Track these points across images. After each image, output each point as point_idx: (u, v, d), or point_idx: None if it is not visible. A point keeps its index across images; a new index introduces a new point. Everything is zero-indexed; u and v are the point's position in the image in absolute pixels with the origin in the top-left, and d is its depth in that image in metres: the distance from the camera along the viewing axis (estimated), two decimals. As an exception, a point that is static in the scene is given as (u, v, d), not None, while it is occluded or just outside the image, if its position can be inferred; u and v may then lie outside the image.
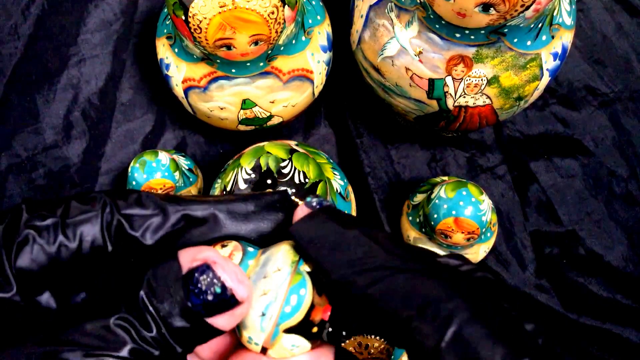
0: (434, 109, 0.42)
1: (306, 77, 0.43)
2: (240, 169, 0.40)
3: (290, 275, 0.19)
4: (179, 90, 0.43)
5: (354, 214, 0.45)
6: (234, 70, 0.40)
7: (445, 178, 0.50)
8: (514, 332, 0.16)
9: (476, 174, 0.54)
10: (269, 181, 0.39)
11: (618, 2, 0.55)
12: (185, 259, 0.19)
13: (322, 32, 0.44)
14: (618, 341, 0.51)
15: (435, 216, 0.43)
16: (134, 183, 0.44)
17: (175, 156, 0.48)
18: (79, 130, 0.52)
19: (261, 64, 0.40)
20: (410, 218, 0.49)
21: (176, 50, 0.42)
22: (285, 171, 0.40)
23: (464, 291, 0.17)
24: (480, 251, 0.48)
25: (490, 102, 0.41)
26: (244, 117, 0.44)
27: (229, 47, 0.37)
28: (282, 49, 0.40)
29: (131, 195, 0.20)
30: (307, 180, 0.40)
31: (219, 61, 0.40)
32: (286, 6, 0.36)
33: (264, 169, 0.40)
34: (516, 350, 0.16)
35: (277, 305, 0.19)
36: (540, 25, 0.37)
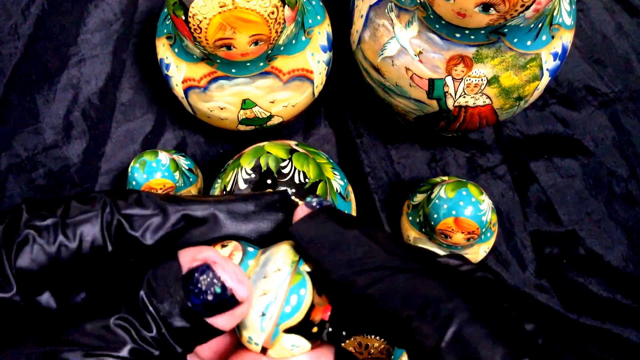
0: (434, 109, 0.42)
1: (306, 77, 0.43)
2: (240, 169, 0.40)
3: (290, 275, 0.19)
4: (179, 90, 0.43)
5: (354, 214, 0.45)
6: (234, 70, 0.40)
7: (445, 178, 0.50)
8: (514, 332, 0.16)
9: (476, 174, 0.54)
10: (269, 181, 0.39)
11: (618, 2, 0.55)
12: (185, 259, 0.19)
13: (322, 32, 0.44)
14: (618, 341, 0.51)
15: (435, 216, 0.43)
16: (134, 183, 0.44)
17: (175, 156, 0.48)
18: (79, 130, 0.52)
19: (261, 64, 0.40)
20: (410, 218, 0.49)
21: (176, 50, 0.42)
22: (285, 171, 0.40)
23: (464, 291, 0.17)
24: (480, 251, 0.48)
25: (490, 102, 0.41)
26: (244, 117, 0.44)
27: (229, 47, 0.37)
28: (282, 49, 0.40)
29: (131, 195, 0.20)
30: (307, 180, 0.40)
31: (219, 61, 0.40)
32: (286, 6, 0.36)
33: (264, 169, 0.40)
34: (516, 350, 0.16)
35: (277, 305, 0.19)
36: (540, 25, 0.37)
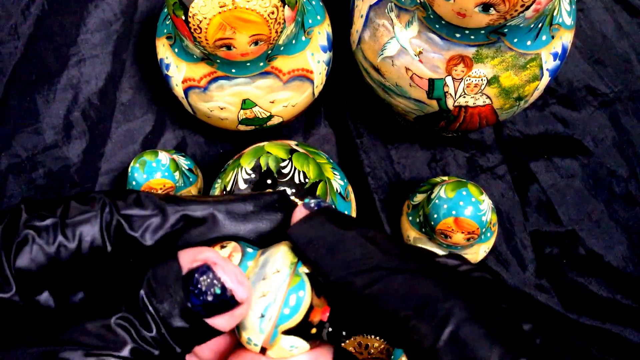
0: (434, 109, 0.42)
1: (306, 77, 0.43)
2: (240, 169, 0.40)
3: (289, 276, 0.19)
4: (179, 90, 0.43)
5: (354, 214, 0.45)
6: (234, 70, 0.40)
7: (445, 178, 0.50)
8: (511, 332, 0.16)
9: (476, 174, 0.54)
10: (269, 181, 0.39)
11: (618, 2, 0.55)
12: (186, 259, 0.19)
13: (322, 32, 0.44)
14: (618, 341, 0.51)
15: (435, 216, 0.43)
16: (134, 183, 0.44)
17: (175, 156, 0.48)
18: (79, 130, 0.52)
19: (261, 64, 0.40)
20: (410, 218, 0.49)
21: (176, 50, 0.42)
22: (285, 171, 0.40)
23: (462, 291, 0.17)
24: (480, 251, 0.48)
25: (490, 102, 0.41)
26: (244, 117, 0.44)
27: (229, 47, 0.37)
28: (282, 49, 0.40)
29: (130, 195, 0.20)
30: (307, 180, 0.40)
31: (219, 61, 0.40)
32: (286, 6, 0.36)
33: (264, 169, 0.40)
34: (513, 351, 0.16)
35: (276, 306, 0.19)
36: (540, 25, 0.37)
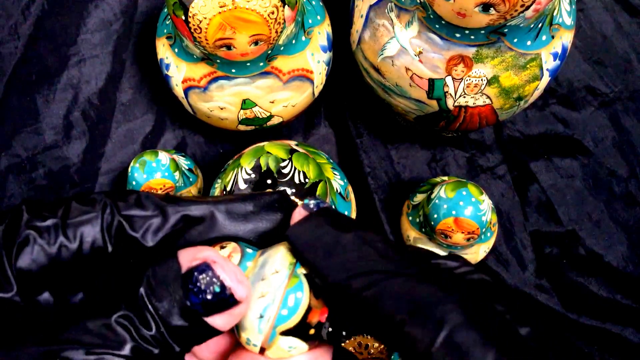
0: (434, 109, 0.42)
1: (306, 77, 0.43)
2: (240, 169, 0.40)
3: (288, 277, 0.19)
4: (179, 90, 0.43)
5: (354, 214, 0.45)
6: (234, 70, 0.40)
7: (445, 178, 0.50)
8: (507, 337, 0.16)
9: (476, 174, 0.54)
10: (269, 181, 0.39)
11: (618, 2, 0.55)
12: (185, 258, 0.19)
13: (322, 32, 0.44)
14: (618, 341, 0.51)
15: (435, 216, 0.43)
16: (134, 183, 0.44)
17: (175, 156, 0.48)
18: (79, 130, 0.52)
19: (261, 64, 0.40)
20: (410, 218, 0.49)
21: (176, 50, 0.42)
22: (285, 171, 0.40)
23: (458, 295, 0.17)
24: (480, 251, 0.48)
25: (490, 102, 0.41)
26: (244, 117, 0.44)
27: (229, 47, 0.37)
28: (282, 49, 0.40)
29: (131, 196, 0.20)
30: (307, 180, 0.40)
31: (219, 61, 0.40)
32: (286, 6, 0.36)
33: (264, 169, 0.40)
34: (508, 355, 0.16)
35: (274, 307, 0.19)
36: (540, 25, 0.37)
